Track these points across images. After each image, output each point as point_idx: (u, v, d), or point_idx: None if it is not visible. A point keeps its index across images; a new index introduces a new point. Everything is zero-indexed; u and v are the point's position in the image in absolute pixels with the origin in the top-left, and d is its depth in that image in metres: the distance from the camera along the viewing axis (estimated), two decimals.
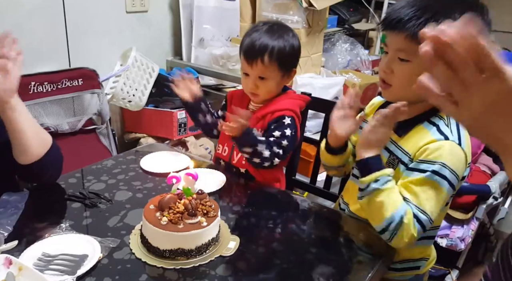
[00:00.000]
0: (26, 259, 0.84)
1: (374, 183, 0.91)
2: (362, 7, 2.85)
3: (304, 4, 2.00)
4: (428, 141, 0.90)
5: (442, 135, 0.90)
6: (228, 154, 1.32)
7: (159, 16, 2.17)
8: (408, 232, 0.88)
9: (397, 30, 0.88)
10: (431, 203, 0.89)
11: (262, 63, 1.19)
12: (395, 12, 0.89)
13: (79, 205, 1.06)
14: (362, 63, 2.55)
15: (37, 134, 1.05)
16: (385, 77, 0.95)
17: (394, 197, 0.90)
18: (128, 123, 2.13)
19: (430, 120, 0.94)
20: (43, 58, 1.78)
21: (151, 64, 1.99)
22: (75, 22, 1.84)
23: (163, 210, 0.89)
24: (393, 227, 0.89)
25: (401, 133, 0.97)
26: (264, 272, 0.87)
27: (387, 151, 0.98)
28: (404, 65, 0.90)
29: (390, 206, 0.89)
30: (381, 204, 0.89)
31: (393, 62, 0.91)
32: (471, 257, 1.92)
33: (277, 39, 1.20)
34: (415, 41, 0.84)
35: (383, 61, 0.95)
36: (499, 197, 1.81)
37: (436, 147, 0.89)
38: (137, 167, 1.26)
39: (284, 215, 1.08)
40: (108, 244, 0.90)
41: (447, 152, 0.88)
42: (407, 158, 0.94)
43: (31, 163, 1.04)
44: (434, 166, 0.88)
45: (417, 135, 0.94)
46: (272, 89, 1.24)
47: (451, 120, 0.93)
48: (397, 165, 0.96)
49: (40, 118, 1.69)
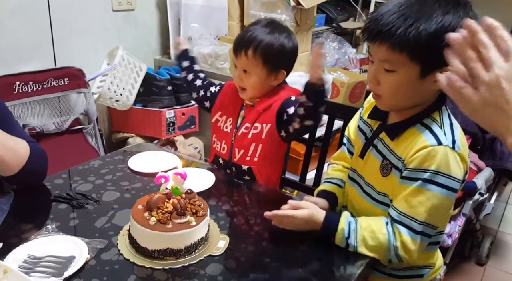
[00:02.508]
0: (12, 261, 0.82)
1: (347, 241, 0.92)
2: (350, 6, 2.87)
3: (292, 2, 2.00)
4: (420, 147, 0.87)
5: (436, 139, 0.87)
6: (227, 151, 1.30)
7: (146, 15, 2.15)
8: (407, 249, 0.89)
9: (378, 42, 0.85)
10: (429, 213, 0.88)
11: (246, 55, 1.18)
12: (375, 23, 0.85)
13: (66, 206, 1.04)
14: (350, 62, 2.56)
15: (11, 150, 1.00)
16: (373, 88, 0.93)
17: (371, 234, 0.91)
18: (116, 122, 2.10)
19: (422, 122, 0.91)
20: (28, 58, 1.75)
21: (139, 63, 1.97)
22: (61, 20, 1.82)
23: (151, 210, 0.88)
24: (393, 255, 0.90)
25: (393, 136, 0.94)
26: (254, 271, 0.87)
27: (381, 155, 0.97)
28: (390, 76, 0.87)
29: (376, 244, 0.90)
30: (370, 249, 0.91)
31: (379, 73, 0.89)
32: (457, 253, 1.95)
33: (267, 34, 1.18)
34: (398, 51, 0.83)
35: (370, 71, 0.92)
36: (485, 193, 1.84)
37: (426, 154, 0.86)
38: (125, 167, 1.25)
39: None
40: (95, 245, 0.89)
41: (439, 158, 0.86)
42: (400, 163, 0.92)
43: (10, 175, 1.02)
44: (425, 175, 0.87)
45: (409, 138, 0.91)
46: (256, 85, 1.21)
47: (444, 121, 0.91)
48: (390, 171, 0.94)
49: (25, 118, 1.66)
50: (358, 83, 2.22)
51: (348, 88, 2.18)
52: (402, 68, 0.85)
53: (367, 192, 1.01)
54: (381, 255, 0.92)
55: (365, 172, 1.02)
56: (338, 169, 1.16)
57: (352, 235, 0.92)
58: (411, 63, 0.84)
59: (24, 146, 1.05)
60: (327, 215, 0.95)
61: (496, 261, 2.04)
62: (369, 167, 1.00)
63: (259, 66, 1.18)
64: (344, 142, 1.16)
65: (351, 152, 1.14)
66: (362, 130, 1.05)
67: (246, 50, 1.17)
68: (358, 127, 1.08)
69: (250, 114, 1.26)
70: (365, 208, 1.01)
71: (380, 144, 0.98)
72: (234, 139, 1.28)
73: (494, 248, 2.08)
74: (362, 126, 1.06)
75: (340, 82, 2.18)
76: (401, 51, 0.83)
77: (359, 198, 1.03)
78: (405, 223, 0.89)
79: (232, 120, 1.29)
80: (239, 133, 1.27)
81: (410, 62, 0.83)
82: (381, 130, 0.99)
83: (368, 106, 1.07)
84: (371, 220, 0.94)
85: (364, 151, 1.01)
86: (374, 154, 0.99)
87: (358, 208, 1.04)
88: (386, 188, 0.96)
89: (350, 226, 0.93)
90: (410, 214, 0.89)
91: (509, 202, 2.49)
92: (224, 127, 1.30)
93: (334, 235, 0.93)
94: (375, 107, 1.02)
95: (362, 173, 1.03)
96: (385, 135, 0.96)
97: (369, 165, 1.00)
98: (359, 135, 1.06)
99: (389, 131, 0.96)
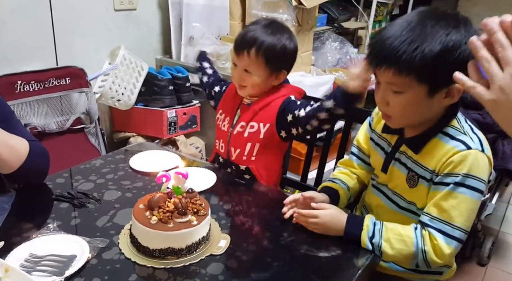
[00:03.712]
0: (13, 260, 0.82)
1: (371, 240, 0.91)
2: (351, 6, 2.87)
3: (293, 2, 2.00)
4: (452, 153, 0.88)
5: (464, 145, 0.88)
6: (225, 150, 1.30)
7: (148, 14, 2.15)
8: (442, 254, 0.88)
9: (384, 67, 0.85)
10: (463, 217, 0.88)
11: (248, 55, 1.18)
12: (379, 48, 0.85)
13: (67, 205, 1.04)
14: (352, 62, 2.56)
15: (10, 147, 1.01)
16: (383, 109, 0.93)
17: (398, 237, 0.90)
18: (117, 122, 2.11)
19: (443, 132, 0.91)
20: (30, 57, 1.75)
21: (140, 63, 1.97)
22: (63, 19, 1.82)
23: (152, 209, 0.88)
24: (421, 260, 0.90)
25: (417, 150, 0.94)
26: (255, 270, 0.87)
27: (405, 168, 0.97)
28: (398, 97, 0.87)
29: (404, 247, 0.89)
30: (395, 251, 0.90)
31: (387, 95, 0.89)
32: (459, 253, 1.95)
33: (269, 35, 1.18)
34: (405, 74, 0.83)
35: (377, 92, 0.92)
36: (487, 193, 1.84)
37: (460, 159, 0.87)
38: (126, 166, 1.25)
39: (274, 213, 1.08)
40: (97, 244, 0.89)
41: (471, 162, 0.86)
42: (428, 173, 0.92)
43: (10, 173, 1.02)
44: (457, 179, 0.87)
45: (435, 149, 0.91)
46: (256, 85, 1.21)
47: (465, 127, 0.92)
48: (417, 181, 0.94)
49: (27, 117, 1.66)
50: None
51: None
52: (410, 90, 0.85)
53: (394, 200, 1.02)
54: (406, 259, 0.91)
55: (392, 185, 1.02)
56: (345, 172, 1.16)
57: (377, 234, 0.91)
58: (419, 84, 0.84)
59: (24, 145, 1.05)
60: (350, 215, 0.95)
61: (498, 261, 2.03)
62: (395, 179, 1.00)
63: (261, 66, 1.18)
64: (353, 152, 1.16)
65: (362, 160, 1.14)
66: (379, 145, 1.05)
67: (248, 50, 1.17)
68: (372, 140, 1.08)
69: (245, 113, 1.25)
70: (391, 216, 1.01)
71: (403, 157, 0.98)
72: (230, 138, 1.28)
73: (496, 248, 2.07)
74: (377, 140, 1.06)
75: (342, 82, 2.18)
76: (408, 74, 0.83)
77: (384, 206, 1.03)
78: (438, 228, 0.89)
79: (229, 119, 1.29)
80: (234, 131, 1.26)
81: (417, 83, 0.84)
82: (401, 143, 0.99)
83: (378, 119, 1.07)
84: (398, 225, 0.94)
85: (386, 166, 1.01)
86: (398, 167, 0.99)
87: (383, 217, 1.01)
88: (414, 198, 0.97)
89: (375, 225, 0.93)
90: (443, 218, 0.89)
91: (510, 203, 2.49)
92: (222, 126, 1.31)
93: (359, 234, 0.92)
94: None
95: (390, 186, 1.03)
96: (406, 148, 0.96)
97: (395, 177, 1.00)
98: (377, 150, 1.06)
99: (411, 144, 0.96)
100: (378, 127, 1.05)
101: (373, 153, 1.08)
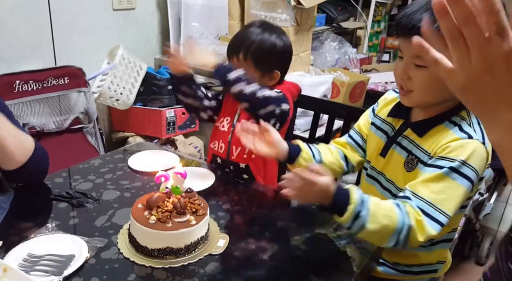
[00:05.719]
0: (11, 260, 0.82)
1: (356, 219, 0.83)
2: (350, 6, 2.87)
3: (292, 2, 2.00)
4: (451, 139, 0.87)
5: (465, 134, 0.88)
6: (225, 150, 1.30)
7: (147, 14, 2.15)
8: (423, 232, 0.84)
9: (411, 37, 0.84)
10: (449, 202, 0.86)
11: (238, 60, 1.20)
12: (407, 18, 0.84)
13: (66, 204, 1.04)
14: (350, 61, 2.57)
15: (18, 141, 1.02)
16: (403, 83, 0.92)
17: (384, 212, 0.84)
18: (116, 122, 2.10)
19: (451, 120, 0.91)
20: (28, 56, 1.75)
21: (139, 62, 1.97)
22: (61, 19, 1.81)
23: (151, 209, 0.88)
24: (404, 237, 0.84)
25: (421, 133, 0.94)
26: (254, 269, 0.87)
27: (406, 151, 0.96)
28: (421, 70, 0.87)
29: (389, 223, 0.83)
30: (379, 227, 0.84)
31: (409, 68, 0.88)
32: (457, 253, 1.95)
33: (257, 36, 1.18)
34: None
35: (399, 66, 0.91)
36: (485, 193, 1.84)
37: (458, 145, 0.86)
38: (125, 166, 1.25)
39: (273, 212, 1.08)
40: (95, 244, 0.89)
41: (470, 151, 0.86)
42: (427, 157, 0.91)
43: (14, 169, 1.02)
44: (453, 163, 0.85)
45: (438, 134, 0.91)
46: None
47: (473, 120, 0.91)
48: (416, 165, 0.93)
49: (25, 117, 1.66)
50: (358, 83, 2.22)
51: (348, 88, 2.19)
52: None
53: (387, 188, 1.01)
54: (386, 234, 0.85)
55: (387, 169, 1.01)
56: (329, 148, 1.14)
57: (365, 208, 0.84)
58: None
59: (30, 141, 1.06)
60: (338, 186, 0.87)
61: None
62: (392, 164, 0.99)
63: (251, 68, 1.19)
64: (350, 134, 1.15)
65: (356, 142, 1.13)
66: (382, 129, 1.05)
67: (237, 54, 1.19)
68: (374, 124, 1.07)
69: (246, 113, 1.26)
70: None
71: (405, 141, 0.97)
72: (232, 137, 1.28)
73: (494, 248, 2.08)
74: (380, 125, 1.05)
75: (340, 82, 2.18)
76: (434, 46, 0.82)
77: (379, 195, 1.02)
78: (422, 208, 0.85)
79: (229, 118, 1.30)
80: (236, 130, 1.27)
81: None
82: (405, 128, 0.98)
83: (384, 104, 1.07)
84: (379, 199, 0.88)
85: (386, 150, 1.01)
86: (398, 151, 0.98)
87: None
88: (407, 183, 0.93)
89: (363, 200, 0.86)
90: (429, 199, 0.85)
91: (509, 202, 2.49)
92: (221, 126, 1.31)
93: (346, 207, 0.84)
94: (396, 105, 1.01)
95: (383, 170, 1.02)
96: (411, 132, 0.96)
97: (392, 162, 0.99)
98: (378, 134, 1.05)
99: (416, 128, 0.95)
100: (383, 111, 1.05)
101: (371, 137, 1.07)
